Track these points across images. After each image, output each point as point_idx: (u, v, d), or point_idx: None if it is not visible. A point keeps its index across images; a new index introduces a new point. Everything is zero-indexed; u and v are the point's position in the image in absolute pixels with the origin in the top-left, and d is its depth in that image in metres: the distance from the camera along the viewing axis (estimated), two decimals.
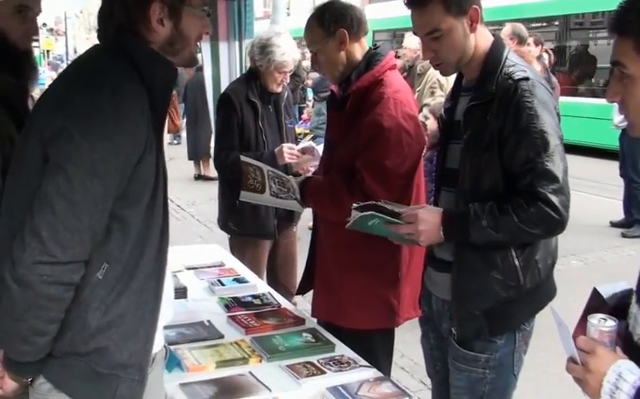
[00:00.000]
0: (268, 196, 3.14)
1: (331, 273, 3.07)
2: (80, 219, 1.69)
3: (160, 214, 1.91)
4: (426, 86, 7.04)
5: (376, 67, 2.95)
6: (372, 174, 2.80)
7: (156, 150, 1.87)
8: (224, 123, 4.16)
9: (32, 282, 1.67)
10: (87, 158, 1.69)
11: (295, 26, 16.81)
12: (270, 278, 4.43)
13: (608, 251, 7.78)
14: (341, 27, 2.95)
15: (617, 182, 8.93)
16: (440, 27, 2.34)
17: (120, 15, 1.84)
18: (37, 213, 1.68)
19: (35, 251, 1.66)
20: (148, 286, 1.90)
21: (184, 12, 1.88)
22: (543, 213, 2.22)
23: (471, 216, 2.29)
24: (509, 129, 2.25)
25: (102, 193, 1.72)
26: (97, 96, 1.73)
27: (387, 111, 2.83)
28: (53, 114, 1.75)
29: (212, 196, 5.78)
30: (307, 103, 14.35)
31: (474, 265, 2.37)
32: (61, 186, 1.68)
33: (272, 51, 4.00)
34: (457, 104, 2.56)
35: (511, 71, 2.32)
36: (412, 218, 2.39)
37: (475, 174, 2.34)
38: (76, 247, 1.71)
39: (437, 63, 2.46)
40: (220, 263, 3.86)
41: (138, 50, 1.85)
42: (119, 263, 1.81)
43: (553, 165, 2.22)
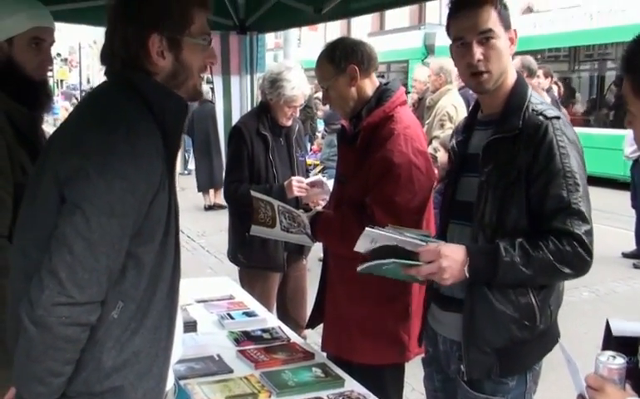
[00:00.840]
0: (279, 230, 3.15)
1: (341, 307, 3.06)
2: (97, 259, 1.69)
3: (172, 250, 1.92)
4: (436, 119, 7.06)
5: (386, 103, 2.97)
6: (383, 209, 2.80)
7: (169, 187, 1.87)
8: (234, 156, 4.18)
9: (51, 323, 1.66)
10: (104, 198, 1.69)
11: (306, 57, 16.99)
12: (280, 310, 4.42)
13: (619, 282, 7.73)
14: (351, 64, 2.98)
15: (629, 213, 8.88)
16: (494, 29, 2.31)
17: (121, 52, 1.85)
18: (55, 253, 1.67)
19: (53, 292, 1.65)
20: (161, 323, 1.89)
21: (184, 42, 1.87)
22: (577, 253, 2.18)
23: (502, 252, 2.21)
24: (540, 167, 2.22)
25: (119, 232, 1.72)
26: (113, 135, 1.74)
27: (398, 147, 2.84)
28: (69, 154, 1.75)
29: (222, 227, 5.79)
30: (318, 134, 14.41)
31: (489, 303, 2.30)
32: (79, 226, 1.67)
33: (282, 86, 4.02)
34: (471, 137, 2.53)
35: (540, 108, 2.31)
36: (434, 255, 2.26)
37: (498, 208, 2.29)
38: (94, 287, 1.70)
39: (483, 70, 2.34)
40: (230, 296, 3.85)
41: (146, 84, 1.85)
42: (133, 301, 1.81)
43: (584, 206, 2.20)
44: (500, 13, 2.33)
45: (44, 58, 2.69)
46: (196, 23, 1.88)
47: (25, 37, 2.61)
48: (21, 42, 2.61)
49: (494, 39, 2.32)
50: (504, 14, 2.35)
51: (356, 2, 3.78)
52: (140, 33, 1.82)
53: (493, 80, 2.36)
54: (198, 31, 1.90)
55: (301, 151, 4.47)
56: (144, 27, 1.82)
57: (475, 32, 2.32)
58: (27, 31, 2.61)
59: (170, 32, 1.84)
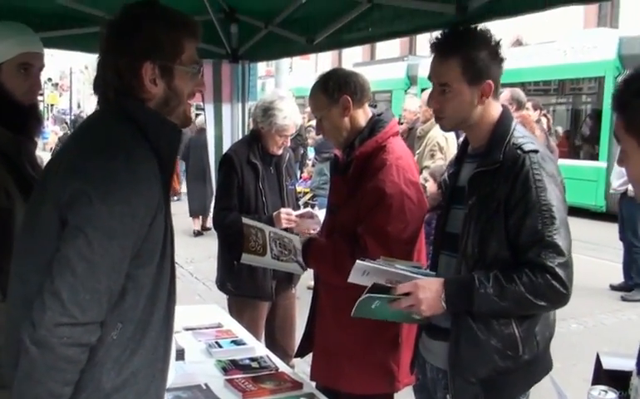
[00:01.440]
0: (269, 259, 3.16)
1: (331, 336, 3.06)
2: (99, 281, 1.73)
3: (168, 273, 1.96)
4: (426, 149, 7.10)
5: (379, 134, 3.00)
6: (375, 239, 2.82)
7: (165, 210, 1.92)
8: (223, 183, 4.18)
9: (53, 344, 1.69)
10: (106, 221, 1.74)
11: (297, 85, 17.11)
12: (268, 339, 4.39)
13: (608, 315, 7.74)
14: (344, 94, 3.02)
15: (617, 245, 8.93)
16: (450, 85, 2.40)
17: (114, 81, 1.90)
18: (58, 275, 1.71)
19: (55, 313, 1.69)
20: (158, 344, 1.94)
21: (175, 70, 1.93)
22: (550, 285, 2.22)
23: (476, 284, 2.27)
24: (517, 199, 2.27)
25: (120, 254, 1.77)
26: (113, 162, 1.79)
27: (390, 178, 2.87)
28: (70, 179, 1.79)
29: (211, 254, 5.78)
30: (308, 162, 14.45)
31: (473, 333, 2.34)
32: (82, 249, 1.72)
33: (274, 115, 4.04)
34: (461, 170, 2.59)
35: (520, 141, 2.35)
36: (411, 288, 2.34)
37: (478, 241, 2.35)
38: (95, 308, 1.74)
39: (438, 116, 2.51)
40: (218, 324, 3.82)
41: (140, 112, 1.90)
42: (132, 322, 1.85)
43: (560, 239, 2.24)
44: (467, 68, 2.38)
45: (33, 83, 2.70)
46: (186, 52, 1.95)
47: (13, 63, 2.62)
48: (9, 68, 2.62)
49: (450, 93, 2.41)
50: (476, 68, 2.39)
51: (348, 34, 3.81)
52: (132, 63, 1.87)
53: (450, 124, 2.52)
54: (188, 59, 1.96)
55: (291, 180, 4.48)
56: (136, 56, 1.88)
57: (435, 80, 2.47)
58: (16, 57, 2.62)
59: (162, 61, 1.90)
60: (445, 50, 2.43)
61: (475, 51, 2.39)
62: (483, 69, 2.40)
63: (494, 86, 2.43)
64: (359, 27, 3.71)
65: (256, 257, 3.18)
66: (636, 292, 8.27)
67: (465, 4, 2.81)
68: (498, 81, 2.46)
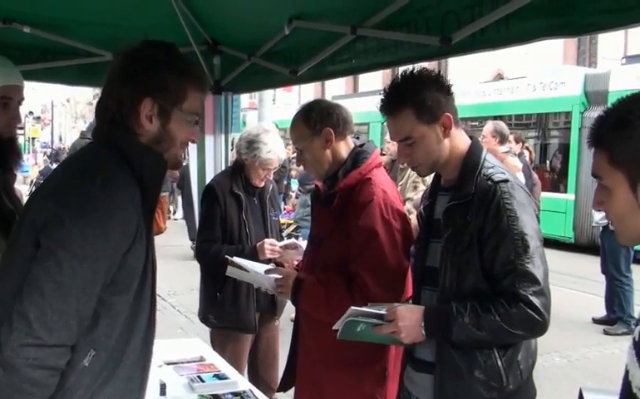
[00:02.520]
0: (254, 274, 3.14)
1: (315, 371, 3.00)
2: (67, 303, 1.71)
3: (148, 302, 1.94)
4: (409, 181, 7.12)
5: (362, 165, 2.98)
6: (373, 276, 2.77)
7: (146, 239, 1.90)
8: (206, 215, 4.15)
9: (18, 365, 1.66)
10: (77, 243, 1.73)
11: (280, 118, 17.19)
12: (251, 372, 4.34)
13: (591, 348, 7.74)
14: (327, 126, 2.99)
15: (599, 278, 8.97)
16: (412, 135, 2.42)
17: (113, 107, 1.91)
18: (26, 296, 1.70)
19: (22, 333, 1.67)
20: (134, 374, 1.91)
21: (173, 114, 1.95)
22: (524, 314, 2.21)
23: (453, 313, 2.27)
24: (489, 230, 2.28)
25: (91, 278, 1.75)
26: (89, 185, 1.79)
27: (379, 214, 2.84)
28: (46, 202, 1.79)
29: (193, 286, 5.73)
30: (291, 194, 14.45)
31: (456, 365, 2.34)
32: (51, 270, 1.70)
33: (258, 148, 4.03)
34: (436, 202, 2.59)
35: (490, 172, 2.36)
36: (392, 316, 2.35)
37: (455, 274, 2.35)
38: (62, 330, 1.71)
39: (413, 166, 2.55)
40: (200, 358, 3.76)
41: (128, 144, 1.91)
42: (105, 350, 1.82)
43: (533, 267, 2.23)
44: (421, 112, 2.40)
45: (11, 117, 2.65)
46: (188, 101, 1.96)
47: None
48: None
49: (414, 142, 2.43)
50: (428, 108, 2.40)
51: (332, 65, 3.82)
52: (133, 94, 1.90)
53: (427, 169, 2.53)
54: (189, 108, 1.97)
55: (275, 211, 4.46)
56: (139, 90, 1.90)
57: (396, 138, 2.50)
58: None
59: (163, 102, 1.92)
60: (393, 106, 2.46)
61: (421, 94, 2.40)
62: (434, 106, 2.41)
63: (453, 117, 2.45)
64: (342, 58, 3.72)
65: (241, 271, 3.18)
66: (618, 326, 8.27)
67: (450, 36, 2.83)
68: (455, 111, 2.47)
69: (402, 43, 3.23)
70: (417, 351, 2.54)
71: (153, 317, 1.97)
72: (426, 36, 3.01)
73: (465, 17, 2.82)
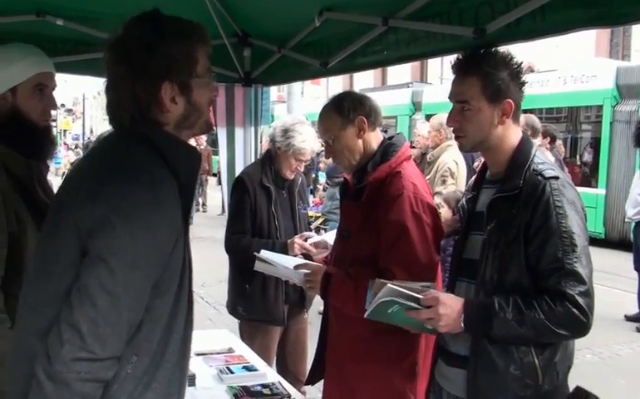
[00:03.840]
0: (282, 268, 3.12)
1: (344, 366, 2.99)
2: (120, 314, 1.64)
3: (186, 301, 1.87)
4: (437, 175, 7.06)
5: (392, 158, 2.95)
6: (406, 270, 2.72)
7: (184, 237, 1.84)
8: (236, 207, 4.16)
9: (69, 379, 1.60)
10: (129, 250, 1.65)
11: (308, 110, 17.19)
12: (279, 364, 4.35)
13: (623, 346, 7.63)
14: (359, 115, 2.98)
15: (630, 274, 8.82)
16: (470, 102, 2.39)
17: (130, 106, 1.81)
18: (77, 307, 1.62)
19: (74, 347, 1.60)
20: (173, 376, 1.85)
21: (193, 84, 1.85)
22: (570, 314, 2.17)
23: (495, 307, 2.23)
24: (537, 226, 2.23)
25: (142, 285, 1.69)
26: (136, 185, 1.70)
27: (409, 208, 2.81)
28: (91, 205, 1.69)
29: (221, 278, 5.74)
30: (318, 187, 14.44)
31: (492, 360, 2.30)
32: (103, 279, 1.63)
33: (293, 136, 4.04)
34: (479, 195, 2.56)
35: (540, 168, 2.32)
36: (433, 301, 2.29)
37: (497, 267, 2.31)
38: (115, 342, 1.65)
39: (458, 135, 2.48)
40: (229, 350, 3.79)
41: (158, 137, 1.82)
42: (147, 354, 1.76)
43: (580, 267, 2.19)
44: (487, 86, 2.37)
45: (47, 104, 2.69)
46: (200, 62, 1.87)
47: (29, 85, 2.61)
48: (25, 90, 2.61)
49: (470, 110, 2.39)
50: (496, 86, 2.37)
51: (363, 57, 3.78)
52: (150, 86, 1.79)
53: (470, 144, 2.47)
54: (202, 69, 1.88)
55: (303, 204, 4.46)
56: (153, 78, 1.79)
57: (455, 98, 2.45)
58: (31, 78, 2.61)
59: (180, 77, 1.82)
60: (465, 68, 2.43)
61: (495, 71, 2.38)
62: (502, 88, 2.38)
63: (515, 107, 2.41)
64: (374, 49, 3.68)
65: (269, 266, 3.16)
66: None
67: (484, 27, 2.79)
68: (519, 104, 2.44)
69: (435, 34, 3.19)
70: (451, 344, 2.52)
71: (190, 317, 1.91)
72: (460, 27, 2.97)
73: (500, 8, 2.77)
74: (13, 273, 2.47)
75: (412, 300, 2.30)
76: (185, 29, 1.85)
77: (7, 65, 2.61)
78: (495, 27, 2.77)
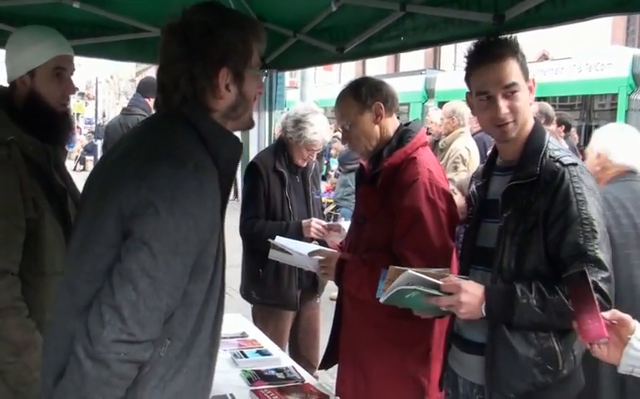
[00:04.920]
0: (297, 255, 3.12)
1: (358, 351, 3.01)
2: (160, 298, 1.67)
3: (218, 289, 1.89)
4: (449, 161, 7.03)
5: (408, 144, 2.95)
6: (420, 256, 2.74)
7: (221, 225, 1.86)
8: (250, 192, 4.17)
9: (109, 360, 1.63)
10: (172, 235, 1.67)
11: (320, 96, 17.18)
12: (291, 349, 4.37)
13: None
14: (377, 101, 2.99)
15: None
16: (518, 83, 2.34)
17: (186, 87, 1.83)
18: (118, 289, 1.65)
19: (115, 329, 1.63)
20: (203, 362, 1.87)
21: (246, 74, 1.88)
22: None
23: (518, 294, 2.22)
24: (557, 213, 2.22)
25: (182, 271, 1.72)
26: (182, 171, 1.71)
27: (424, 194, 2.82)
28: (135, 187, 1.70)
29: (232, 263, 5.75)
30: (330, 173, 14.42)
31: (510, 346, 2.29)
32: (145, 263, 1.65)
33: (304, 128, 4.04)
34: (490, 182, 2.54)
35: (557, 155, 2.31)
36: (454, 288, 2.27)
37: (516, 254, 2.30)
38: (154, 326, 1.68)
39: (509, 121, 2.37)
40: (242, 334, 3.79)
41: (204, 123, 1.84)
42: (180, 339, 1.78)
43: (602, 253, 2.19)
44: (522, 64, 2.35)
45: (66, 87, 2.66)
46: (254, 54, 1.91)
47: (48, 68, 2.59)
48: (43, 73, 2.59)
49: (518, 92, 2.34)
50: (524, 64, 2.36)
51: (379, 43, 3.76)
52: (209, 69, 1.82)
53: (517, 129, 2.38)
54: (255, 62, 1.92)
55: (317, 189, 4.46)
56: (213, 62, 1.83)
57: (499, 86, 2.34)
58: (50, 61, 2.58)
59: (236, 66, 1.86)
60: (497, 52, 2.36)
61: (518, 49, 2.36)
62: (526, 66, 2.37)
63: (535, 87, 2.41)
64: (390, 35, 3.66)
65: (283, 254, 3.17)
66: None
67: (503, 13, 2.76)
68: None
69: (453, 20, 3.16)
70: (465, 331, 2.51)
71: (222, 304, 1.92)
72: (478, 13, 2.94)
73: None
74: (30, 260, 2.48)
75: (432, 287, 2.28)
76: (244, 20, 1.91)
77: (26, 46, 2.59)
78: (515, 14, 2.75)
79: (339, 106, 3.08)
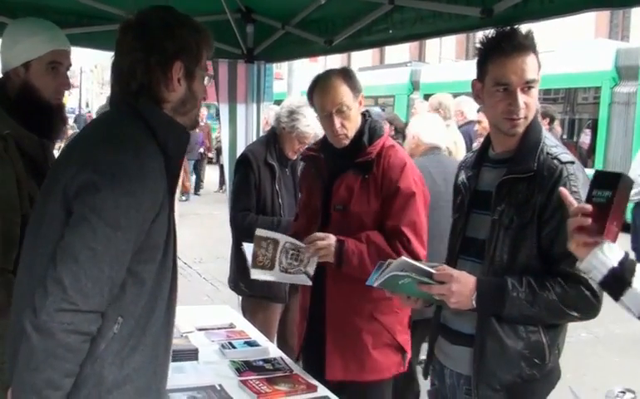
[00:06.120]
0: (278, 272, 3.15)
1: (348, 327, 3.09)
2: (101, 270, 1.75)
3: (170, 271, 1.99)
4: None
5: (384, 134, 3.12)
6: (414, 233, 3.01)
7: (168, 210, 1.95)
8: (241, 184, 4.17)
9: (53, 329, 1.70)
10: (111, 211, 1.76)
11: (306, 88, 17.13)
12: (280, 341, 4.39)
13: (618, 324, 7.63)
14: (361, 91, 3.11)
15: None
16: (537, 79, 2.33)
17: (141, 77, 1.94)
18: (60, 262, 1.73)
19: (57, 298, 1.70)
20: (159, 341, 1.97)
21: (196, 73, 2.02)
22: (583, 296, 2.21)
23: (508, 287, 2.25)
24: (552, 209, 2.24)
25: (123, 246, 1.79)
26: (123, 155, 1.83)
27: (413, 178, 3.05)
28: (80, 170, 1.81)
29: (218, 254, 5.76)
30: None
31: (499, 338, 2.32)
32: (85, 236, 1.74)
33: (298, 119, 4.06)
34: (480, 174, 2.54)
35: (555, 151, 2.32)
36: (447, 277, 2.29)
37: (509, 247, 2.32)
38: (96, 296, 1.75)
39: (522, 117, 2.33)
40: (230, 325, 3.81)
41: (154, 116, 1.95)
42: (132, 317, 1.87)
43: None
44: (538, 60, 2.33)
45: (61, 82, 2.66)
46: (203, 59, 2.05)
47: (42, 61, 2.58)
48: (38, 66, 2.58)
49: (534, 88, 2.33)
50: (539, 61, 2.35)
51: (368, 36, 3.78)
52: (164, 60, 1.94)
53: (525, 124, 2.37)
54: (204, 66, 2.06)
55: None
56: (169, 55, 1.95)
57: (522, 81, 2.30)
58: (45, 54, 2.58)
59: (188, 63, 1.99)
60: (526, 45, 2.31)
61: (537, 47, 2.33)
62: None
63: None
64: (379, 28, 3.68)
65: (264, 271, 3.17)
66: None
67: (491, 7, 2.78)
68: None
69: (441, 14, 3.19)
70: (453, 322, 2.52)
71: (174, 287, 2.02)
72: (467, 7, 2.97)
73: None
74: None
75: (425, 275, 2.32)
76: (199, 26, 2.04)
77: (21, 39, 2.58)
78: (503, 8, 2.78)
79: (334, 90, 3.05)
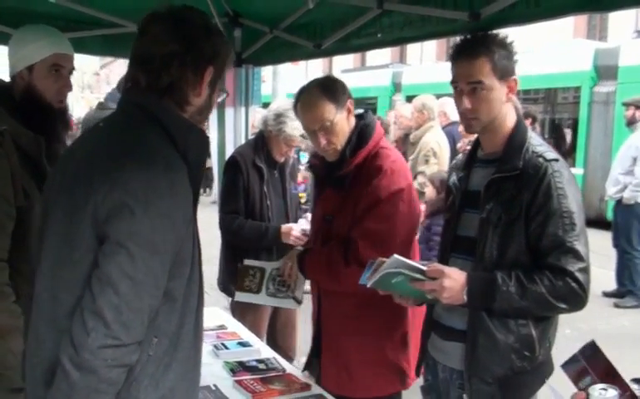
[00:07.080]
0: (264, 295, 3.17)
1: (338, 342, 3.07)
2: (142, 298, 1.66)
3: (197, 283, 1.90)
4: (420, 154, 7.13)
5: (370, 142, 2.98)
6: (367, 241, 2.82)
7: (194, 220, 1.88)
8: (229, 186, 4.19)
9: (96, 367, 1.62)
10: (148, 236, 1.66)
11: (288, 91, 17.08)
12: (269, 341, 4.40)
13: (601, 321, 7.79)
14: (348, 98, 2.98)
15: (608, 252, 9.00)
16: (484, 82, 2.40)
17: (176, 72, 1.83)
18: (99, 294, 1.63)
19: (99, 335, 1.61)
20: (190, 354, 1.88)
21: (218, 83, 1.92)
22: (570, 288, 2.27)
23: (498, 281, 2.31)
24: (538, 205, 2.31)
25: (161, 270, 1.71)
26: (153, 171, 1.71)
27: (384, 182, 2.87)
28: (108, 191, 1.68)
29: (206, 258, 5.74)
30: (300, 167, 14.40)
31: (490, 333, 2.39)
32: (124, 265, 1.64)
33: (284, 122, 4.05)
34: (471, 174, 2.61)
35: (540, 150, 2.40)
36: (438, 273, 2.35)
37: (498, 245, 2.39)
38: (138, 327, 1.67)
39: (470, 117, 2.47)
40: (221, 326, 3.83)
41: (173, 119, 1.84)
42: (166, 336, 1.79)
43: (580, 245, 2.29)
44: (496, 64, 2.40)
45: (63, 85, 2.72)
46: (225, 73, 1.96)
47: (45, 64, 2.66)
48: (41, 69, 2.66)
49: (483, 90, 2.41)
50: (502, 64, 2.42)
51: (357, 39, 3.80)
52: (199, 61, 1.85)
53: (480, 124, 2.47)
54: (224, 80, 1.99)
55: (295, 184, 4.50)
56: (204, 57, 1.86)
57: (464, 81, 2.44)
58: (48, 57, 2.65)
59: (217, 71, 1.89)
60: (472, 49, 2.43)
61: (500, 49, 2.42)
62: (506, 66, 2.43)
63: (517, 85, 2.47)
64: (368, 32, 3.71)
65: (250, 294, 3.19)
66: (628, 299, 8.35)
67: (478, 11, 2.84)
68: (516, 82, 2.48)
69: (430, 18, 3.23)
70: (445, 318, 2.58)
71: (201, 296, 1.94)
72: (454, 11, 3.02)
73: None
74: (19, 248, 2.52)
75: (417, 271, 2.37)
76: (226, 38, 1.99)
77: (25, 44, 2.66)
78: (490, 12, 2.83)
79: (316, 108, 2.96)
